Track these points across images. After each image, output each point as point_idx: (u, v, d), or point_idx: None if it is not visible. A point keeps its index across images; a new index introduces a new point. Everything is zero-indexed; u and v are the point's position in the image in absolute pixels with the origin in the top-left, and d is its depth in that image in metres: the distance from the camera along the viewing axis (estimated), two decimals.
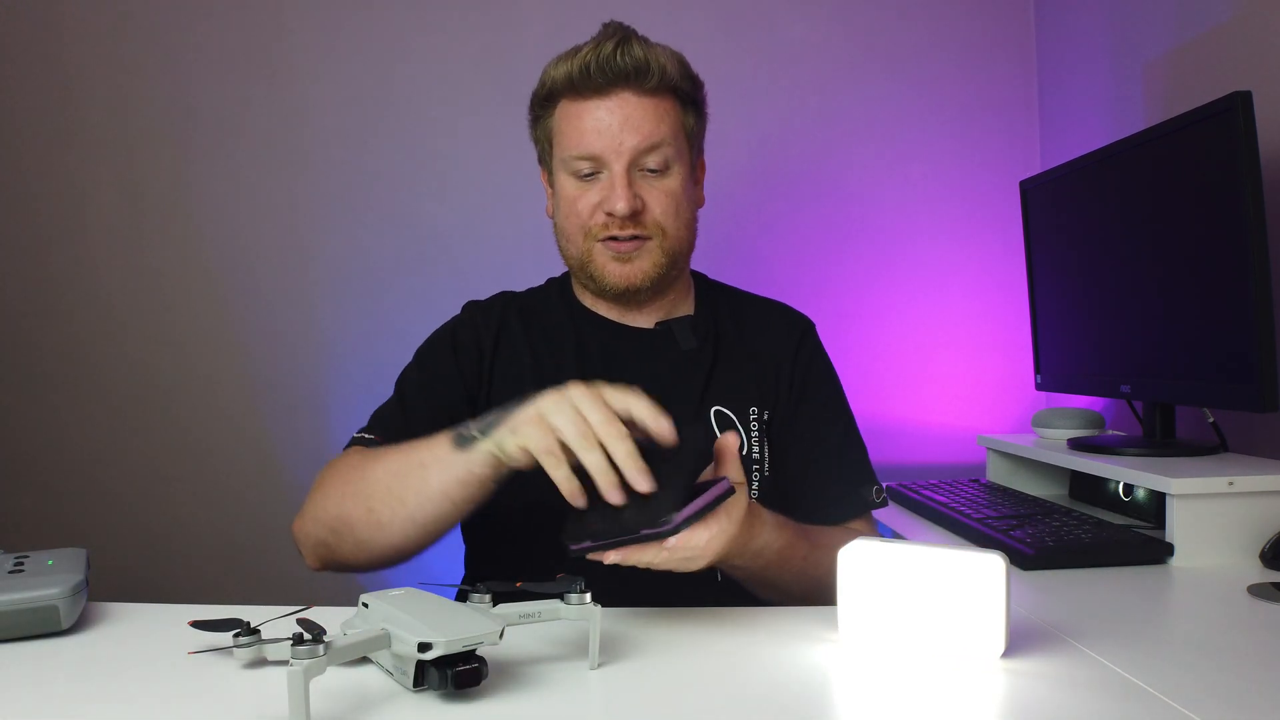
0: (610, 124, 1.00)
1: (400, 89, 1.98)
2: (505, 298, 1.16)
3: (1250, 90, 1.14)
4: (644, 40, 1.02)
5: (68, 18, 1.94)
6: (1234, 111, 1.14)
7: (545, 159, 1.10)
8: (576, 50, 1.01)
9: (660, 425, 0.76)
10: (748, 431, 1.07)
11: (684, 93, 1.04)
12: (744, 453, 1.05)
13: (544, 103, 1.06)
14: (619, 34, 1.01)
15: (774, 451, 1.08)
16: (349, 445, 1.01)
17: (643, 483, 0.73)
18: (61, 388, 1.97)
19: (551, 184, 1.09)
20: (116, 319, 1.97)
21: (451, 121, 1.99)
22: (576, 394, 0.76)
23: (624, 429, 0.75)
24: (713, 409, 1.07)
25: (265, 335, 1.98)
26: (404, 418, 1.01)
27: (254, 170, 1.98)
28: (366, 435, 1.00)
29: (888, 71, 2.01)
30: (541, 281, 1.19)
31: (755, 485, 1.06)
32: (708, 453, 0.80)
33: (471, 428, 0.82)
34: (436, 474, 0.82)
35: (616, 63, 0.99)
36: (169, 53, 1.96)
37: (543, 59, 1.05)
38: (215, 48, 1.96)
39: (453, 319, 1.14)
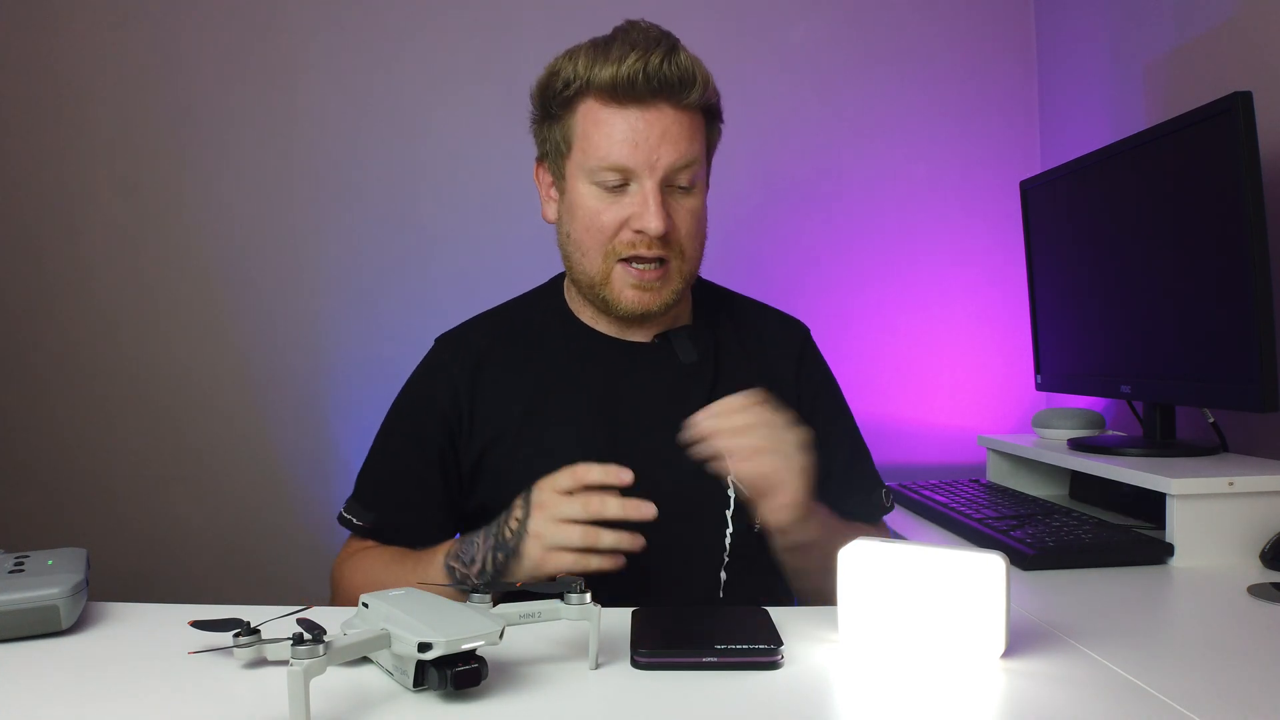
0: (648, 136, 0.94)
1: (400, 89, 1.98)
2: (483, 323, 1.11)
3: (1250, 90, 1.14)
4: (685, 50, 0.96)
5: (66, 18, 1.94)
6: (1234, 112, 1.14)
7: (556, 160, 1.01)
8: (608, 48, 0.94)
9: (615, 474, 0.83)
10: None
11: (712, 107, 1.00)
12: None
13: (562, 100, 0.98)
14: (665, 43, 0.94)
15: None
16: (349, 532, 1.07)
17: (647, 511, 0.81)
18: (61, 388, 1.97)
19: (559, 188, 1.02)
20: (116, 319, 1.97)
21: (451, 122, 1.98)
22: (549, 511, 0.82)
23: (601, 496, 0.82)
24: None
25: (265, 335, 1.98)
26: (390, 499, 1.05)
27: (253, 171, 1.97)
28: (358, 522, 1.05)
29: (888, 72, 2.01)
30: (541, 281, 1.15)
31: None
32: None
33: (470, 575, 0.87)
34: None
35: (664, 73, 0.93)
36: (167, 53, 1.96)
37: (542, 59, 1.00)
38: (213, 48, 1.96)
39: (422, 364, 1.09)
